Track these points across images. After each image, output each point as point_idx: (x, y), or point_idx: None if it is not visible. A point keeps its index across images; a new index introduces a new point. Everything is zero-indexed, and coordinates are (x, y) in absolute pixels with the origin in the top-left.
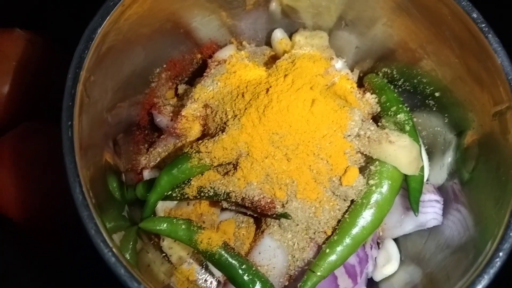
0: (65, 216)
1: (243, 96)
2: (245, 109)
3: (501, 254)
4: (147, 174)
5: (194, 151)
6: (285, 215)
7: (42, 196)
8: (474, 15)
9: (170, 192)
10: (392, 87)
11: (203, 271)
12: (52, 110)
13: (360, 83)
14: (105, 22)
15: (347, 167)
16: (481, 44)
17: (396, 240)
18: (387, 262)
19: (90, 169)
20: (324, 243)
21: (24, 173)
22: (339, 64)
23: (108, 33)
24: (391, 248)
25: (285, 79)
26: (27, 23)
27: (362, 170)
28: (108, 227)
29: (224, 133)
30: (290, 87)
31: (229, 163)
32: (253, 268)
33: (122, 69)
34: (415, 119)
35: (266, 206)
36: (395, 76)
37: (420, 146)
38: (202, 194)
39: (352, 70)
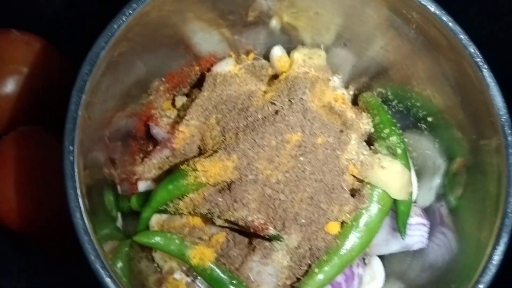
0: (65, 224)
1: (243, 115)
2: (244, 129)
3: (480, 286)
4: (142, 186)
5: (191, 169)
6: (277, 237)
7: (40, 203)
8: (471, 50)
9: (164, 207)
10: (386, 107)
11: (193, 282)
12: (51, 115)
13: (354, 101)
14: (108, 45)
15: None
16: (476, 77)
17: (382, 256)
18: (372, 280)
19: (89, 188)
20: (313, 262)
21: (21, 180)
22: (335, 82)
23: (110, 54)
24: (377, 266)
25: (289, 102)
26: (23, 24)
27: (352, 192)
28: (104, 241)
29: (221, 152)
30: (292, 110)
31: (225, 182)
32: (243, 284)
33: (122, 86)
34: (406, 140)
35: (260, 227)
36: (389, 96)
37: (410, 169)
38: (196, 210)
39: (347, 87)
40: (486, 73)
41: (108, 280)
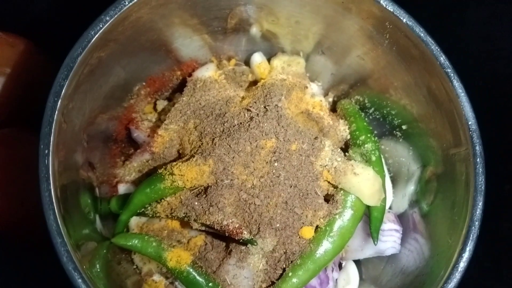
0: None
1: (220, 121)
2: (221, 135)
3: None
4: (122, 189)
5: (168, 173)
6: (251, 241)
7: (21, 204)
8: (441, 60)
9: (143, 210)
10: (363, 114)
11: (172, 285)
12: (33, 116)
13: (334, 108)
14: (85, 50)
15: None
16: (446, 87)
17: (358, 261)
18: (347, 284)
19: (64, 190)
20: (288, 266)
21: (2, 180)
22: (314, 88)
23: (88, 59)
24: (351, 271)
25: (264, 109)
26: (7, 25)
27: (327, 198)
28: (80, 243)
29: (198, 157)
30: (267, 117)
31: (201, 186)
32: (220, 287)
33: (101, 91)
34: (383, 147)
35: (234, 231)
36: (366, 104)
37: (384, 176)
38: (173, 214)
39: (327, 94)
40: (456, 83)
41: (79, 282)
